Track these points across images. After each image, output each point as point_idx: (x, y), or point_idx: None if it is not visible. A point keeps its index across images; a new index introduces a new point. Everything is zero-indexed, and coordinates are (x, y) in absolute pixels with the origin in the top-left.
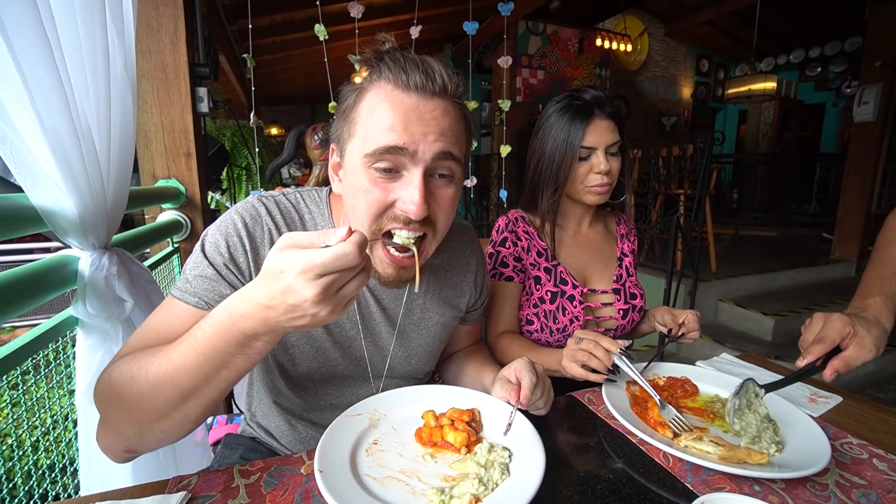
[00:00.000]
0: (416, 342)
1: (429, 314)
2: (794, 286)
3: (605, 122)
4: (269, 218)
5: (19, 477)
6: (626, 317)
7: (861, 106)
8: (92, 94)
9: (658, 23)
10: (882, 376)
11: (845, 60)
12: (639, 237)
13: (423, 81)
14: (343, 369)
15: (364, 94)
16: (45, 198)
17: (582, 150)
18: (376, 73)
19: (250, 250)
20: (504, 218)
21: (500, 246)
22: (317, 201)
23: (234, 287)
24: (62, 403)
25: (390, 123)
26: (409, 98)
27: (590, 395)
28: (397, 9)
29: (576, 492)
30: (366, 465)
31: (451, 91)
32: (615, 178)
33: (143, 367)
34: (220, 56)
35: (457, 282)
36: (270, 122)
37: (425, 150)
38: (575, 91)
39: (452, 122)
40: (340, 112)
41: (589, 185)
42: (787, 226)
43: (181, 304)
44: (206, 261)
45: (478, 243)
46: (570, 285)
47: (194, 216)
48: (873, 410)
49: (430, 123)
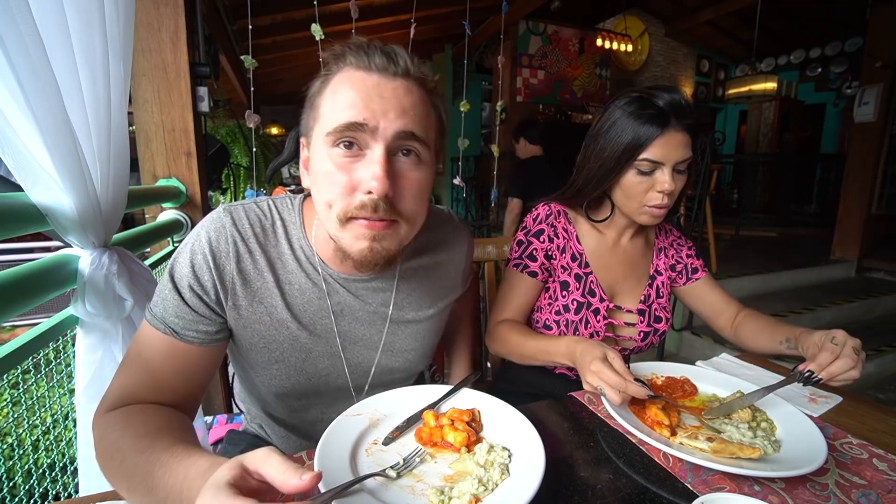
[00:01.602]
0: (409, 340)
1: (423, 310)
2: (794, 286)
3: (680, 136)
4: (234, 228)
5: (19, 476)
6: (646, 339)
7: (861, 106)
8: (89, 92)
9: (658, 23)
10: (882, 376)
11: (846, 61)
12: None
13: (385, 63)
14: (335, 383)
15: (329, 80)
16: (45, 196)
17: (645, 164)
18: (341, 61)
19: (214, 268)
20: (546, 207)
21: (534, 237)
22: (289, 209)
23: (196, 311)
24: (62, 402)
25: (351, 101)
26: (370, 77)
27: (590, 395)
28: (397, 9)
29: (576, 492)
30: (366, 465)
31: (414, 73)
32: (675, 197)
33: (120, 454)
34: (221, 55)
35: (448, 272)
36: (270, 121)
37: (386, 127)
38: (648, 91)
39: (416, 102)
40: (307, 101)
41: (648, 204)
42: (788, 226)
43: (153, 331)
44: (172, 283)
45: (468, 233)
46: (597, 297)
47: (194, 215)
48: (873, 410)
49: (391, 101)
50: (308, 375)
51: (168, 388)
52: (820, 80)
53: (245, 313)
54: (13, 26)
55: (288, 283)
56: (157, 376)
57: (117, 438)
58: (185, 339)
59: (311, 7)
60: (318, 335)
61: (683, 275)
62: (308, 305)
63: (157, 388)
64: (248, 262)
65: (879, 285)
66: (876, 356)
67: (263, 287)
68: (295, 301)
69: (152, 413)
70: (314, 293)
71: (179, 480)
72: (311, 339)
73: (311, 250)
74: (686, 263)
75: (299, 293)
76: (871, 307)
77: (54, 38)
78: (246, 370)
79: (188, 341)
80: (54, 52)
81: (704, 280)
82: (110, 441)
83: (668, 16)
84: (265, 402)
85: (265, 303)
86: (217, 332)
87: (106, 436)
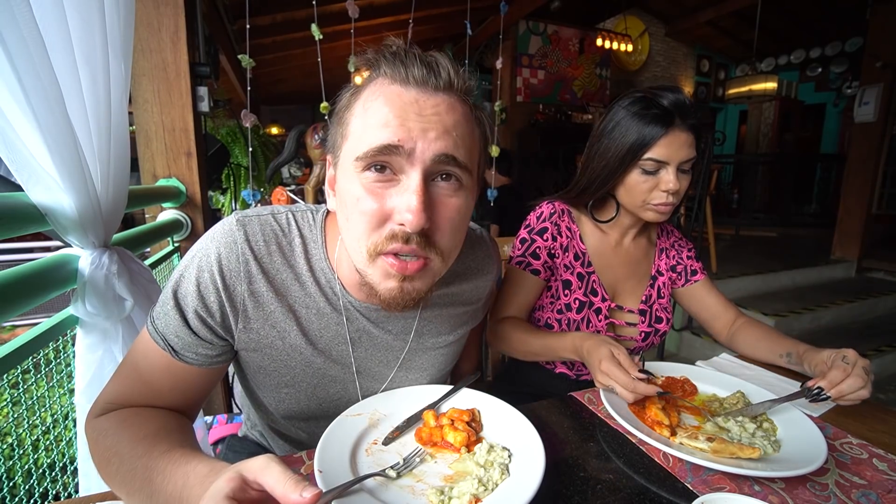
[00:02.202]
0: (425, 363)
1: (443, 336)
2: (794, 286)
3: (684, 136)
4: (247, 245)
5: (19, 476)
6: (647, 340)
7: (862, 106)
8: (90, 91)
9: (658, 23)
10: (882, 376)
11: (846, 61)
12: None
13: (425, 74)
14: (346, 407)
15: (360, 93)
16: (45, 195)
17: (649, 163)
18: (375, 70)
19: (223, 289)
20: (549, 206)
21: (538, 235)
22: (310, 224)
23: (198, 335)
24: (62, 402)
25: (385, 119)
26: (407, 93)
27: (590, 395)
28: (397, 8)
29: (576, 492)
30: (366, 465)
31: (459, 86)
32: (681, 197)
33: (118, 459)
34: (221, 55)
35: (472, 299)
36: (271, 121)
37: (425, 149)
38: (651, 91)
39: (459, 120)
40: (334, 116)
41: (653, 203)
42: (788, 226)
43: (152, 343)
44: (175, 301)
45: (497, 257)
46: (599, 297)
47: (194, 215)
48: (873, 410)
49: (432, 119)
50: (319, 400)
51: (164, 400)
52: (820, 80)
53: (256, 336)
54: (14, 26)
55: (305, 308)
56: (153, 388)
57: (113, 443)
58: (184, 359)
59: (311, 7)
60: (333, 361)
61: (682, 276)
62: (325, 331)
63: (153, 398)
64: (261, 283)
65: (879, 285)
66: (876, 356)
67: (277, 310)
68: (311, 326)
69: (148, 415)
70: (332, 319)
71: (179, 487)
72: (325, 364)
73: (332, 274)
74: (686, 265)
75: (316, 318)
76: (871, 307)
77: (55, 37)
78: (252, 390)
79: (186, 362)
80: (54, 51)
81: (703, 283)
82: (106, 445)
83: (668, 16)
84: (270, 418)
85: (278, 327)
86: (218, 355)
87: (101, 440)
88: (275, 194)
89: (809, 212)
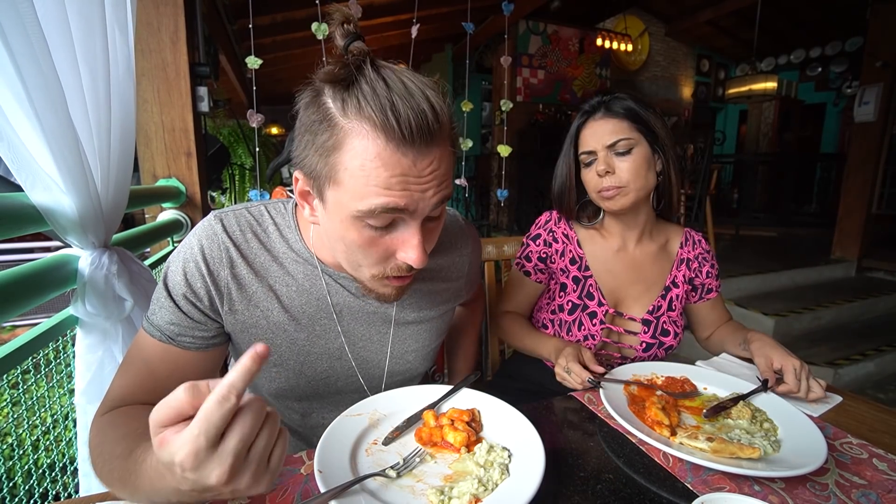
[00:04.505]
0: (411, 341)
1: (424, 311)
2: (794, 286)
3: (604, 122)
4: (226, 235)
5: (19, 476)
6: (649, 351)
7: (862, 106)
8: (91, 92)
9: (658, 23)
10: (882, 376)
11: (846, 60)
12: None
13: (419, 123)
14: (335, 385)
15: (346, 139)
16: (45, 196)
17: (584, 157)
18: (352, 105)
19: (207, 274)
20: (548, 214)
21: (531, 240)
22: (283, 213)
23: (191, 317)
24: (62, 402)
25: (386, 184)
26: (405, 158)
27: (589, 394)
28: (397, 8)
29: (576, 492)
30: (366, 465)
31: (445, 120)
32: (627, 180)
33: (109, 458)
34: (221, 55)
35: (451, 275)
36: (270, 121)
37: (425, 207)
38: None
39: (449, 164)
40: (312, 144)
41: (596, 191)
42: (788, 226)
43: (149, 338)
44: (166, 291)
45: (473, 234)
46: (595, 301)
47: (194, 215)
48: (873, 410)
49: (430, 180)
50: (307, 378)
51: (167, 392)
52: (820, 79)
53: (241, 318)
54: (20, 26)
55: (285, 286)
56: (155, 382)
57: (99, 442)
58: (181, 344)
59: (311, 7)
60: (317, 335)
61: (698, 293)
62: (307, 307)
63: (156, 392)
64: (241, 267)
65: (879, 285)
66: (876, 356)
67: (259, 291)
68: (293, 302)
69: (136, 413)
70: (313, 294)
71: (151, 471)
72: (309, 340)
73: (308, 253)
74: (705, 283)
75: (297, 295)
76: (871, 307)
77: (56, 37)
78: None
79: (184, 347)
80: (56, 51)
81: (714, 300)
82: (95, 444)
83: (668, 15)
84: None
85: (261, 307)
86: (213, 336)
87: (92, 440)
88: (275, 194)
89: (809, 211)
